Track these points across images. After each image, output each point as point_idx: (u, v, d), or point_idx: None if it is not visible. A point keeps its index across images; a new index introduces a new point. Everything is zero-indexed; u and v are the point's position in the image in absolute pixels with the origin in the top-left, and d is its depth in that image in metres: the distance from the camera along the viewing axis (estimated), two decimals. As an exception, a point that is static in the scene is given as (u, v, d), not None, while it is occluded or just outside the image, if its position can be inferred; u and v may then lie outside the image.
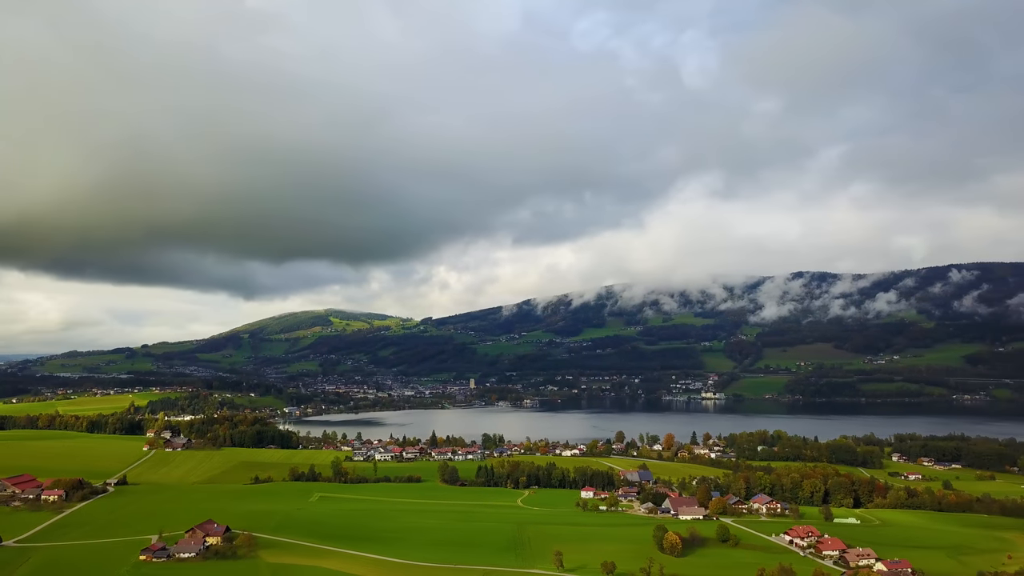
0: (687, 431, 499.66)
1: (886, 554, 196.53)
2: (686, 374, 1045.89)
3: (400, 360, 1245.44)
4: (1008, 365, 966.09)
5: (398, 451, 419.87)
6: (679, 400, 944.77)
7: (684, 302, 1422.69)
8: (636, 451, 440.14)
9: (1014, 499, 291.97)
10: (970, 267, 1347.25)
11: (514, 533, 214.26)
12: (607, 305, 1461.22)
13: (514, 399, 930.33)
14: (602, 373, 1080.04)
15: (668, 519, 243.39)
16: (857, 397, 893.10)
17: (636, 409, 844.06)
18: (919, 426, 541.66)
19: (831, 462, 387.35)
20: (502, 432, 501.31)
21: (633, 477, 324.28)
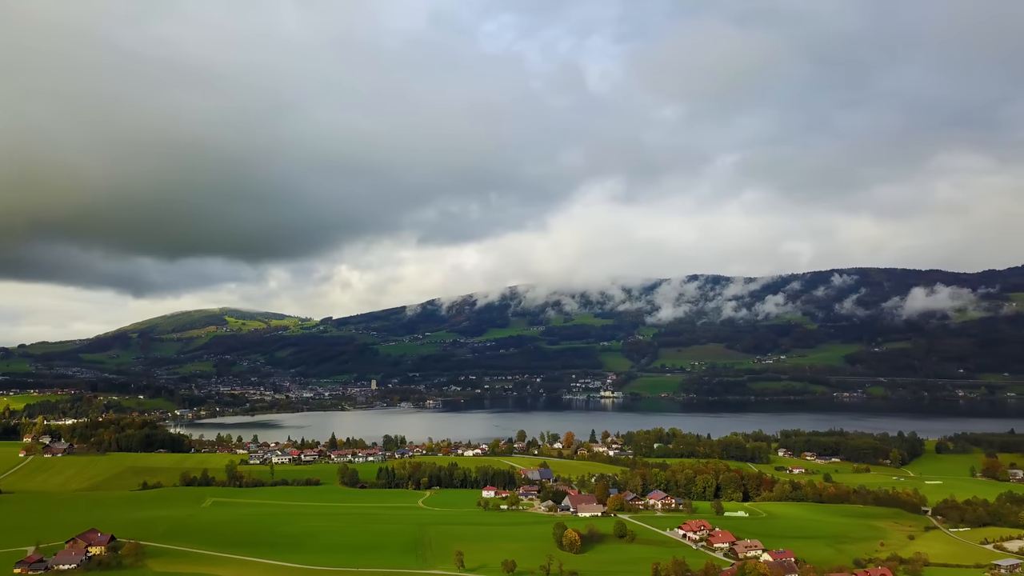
0: (587, 429, 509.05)
1: (772, 545, 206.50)
2: (586, 373, 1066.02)
3: (299, 361, 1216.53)
4: (882, 364, 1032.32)
5: (296, 454, 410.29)
6: (579, 399, 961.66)
7: (585, 303, 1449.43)
8: (537, 450, 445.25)
9: (886, 490, 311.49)
10: (850, 272, 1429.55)
11: (415, 534, 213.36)
12: (511, 305, 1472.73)
13: (417, 400, 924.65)
14: (505, 373, 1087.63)
15: (568, 516, 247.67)
16: (747, 395, 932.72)
17: (538, 408, 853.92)
18: (803, 423, 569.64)
19: (722, 458, 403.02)
20: (404, 433, 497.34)
21: (534, 476, 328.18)
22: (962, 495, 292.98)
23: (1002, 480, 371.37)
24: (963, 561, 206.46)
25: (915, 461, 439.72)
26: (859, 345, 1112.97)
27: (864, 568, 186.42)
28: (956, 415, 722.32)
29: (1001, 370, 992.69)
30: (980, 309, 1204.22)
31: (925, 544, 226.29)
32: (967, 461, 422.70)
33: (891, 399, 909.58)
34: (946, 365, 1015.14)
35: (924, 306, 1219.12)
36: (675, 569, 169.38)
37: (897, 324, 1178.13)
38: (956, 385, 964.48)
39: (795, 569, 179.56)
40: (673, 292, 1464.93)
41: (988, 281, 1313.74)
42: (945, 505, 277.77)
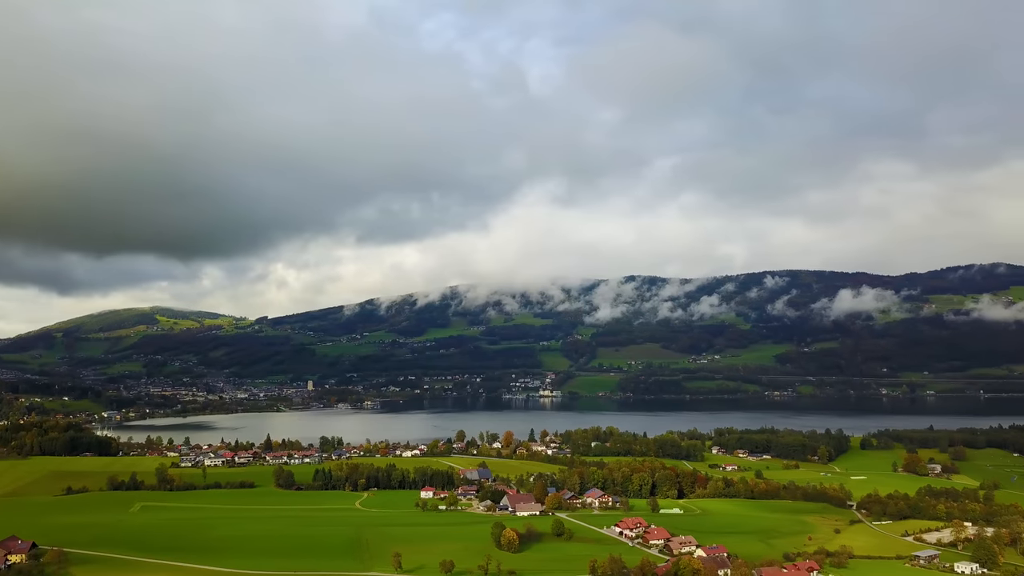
0: (525, 429, 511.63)
1: (705, 540, 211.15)
2: (526, 373, 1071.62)
3: (233, 361, 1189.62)
4: (811, 364, 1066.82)
5: (230, 456, 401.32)
6: (518, 398, 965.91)
7: (525, 303, 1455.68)
8: (476, 450, 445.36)
9: (814, 486, 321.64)
10: (782, 274, 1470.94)
11: (352, 536, 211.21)
12: (452, 305, 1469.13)
13: (355, 401, 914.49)
14: (445, 373, 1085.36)
15: (506, 516, 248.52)
16: (682, 394, 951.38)
17: (477, 408, 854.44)
18: (736, 421, 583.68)
19: (658, 456, 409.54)
20: (341, 434, 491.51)
21: (473, 476, 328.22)
22: (885, 489, 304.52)
23: (921, 475, 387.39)
24: (885, 553, 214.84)
25: (841, 457, 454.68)
26: (789, 345, 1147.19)
27: (793, 562, 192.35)
28: (880, 412, 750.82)
29: (921, 369, 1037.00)
30: (902, 311, 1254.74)
31: (850, 537, 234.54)
32: (889, 457, 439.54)
33: (819, 397, 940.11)
34: (871, 364, 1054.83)
35: (851, 307, 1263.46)
36: (611, 566, 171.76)
37: (825, 325, 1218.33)
38: (880, 384, 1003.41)
39: (727, 564, 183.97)
40: (611, 292, 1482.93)
41: (910, 284, 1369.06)
42: (869, 499, 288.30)
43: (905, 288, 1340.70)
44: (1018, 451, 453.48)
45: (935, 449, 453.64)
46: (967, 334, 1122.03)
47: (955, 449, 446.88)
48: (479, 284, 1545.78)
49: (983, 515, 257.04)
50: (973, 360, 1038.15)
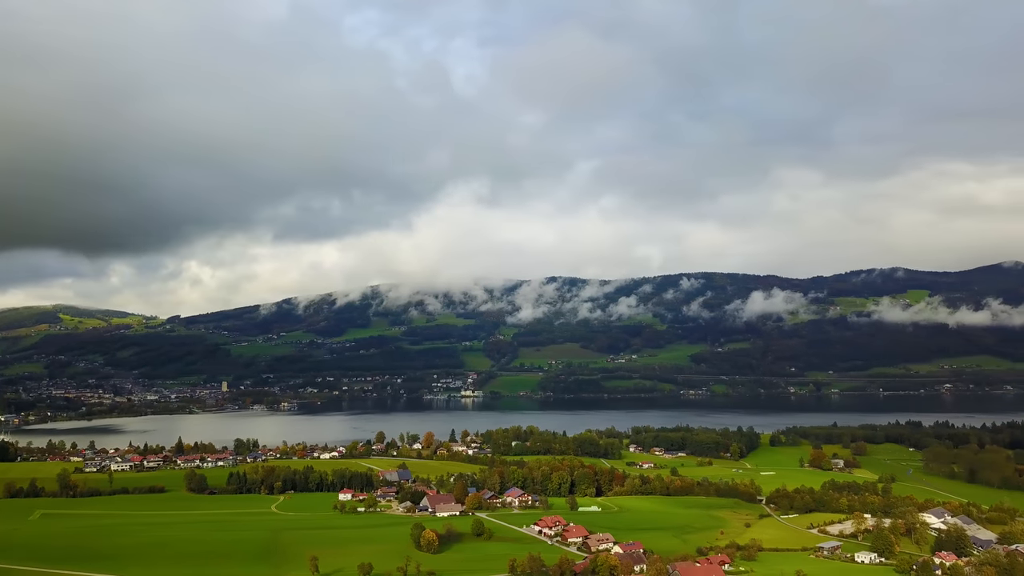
0: (446, 429, 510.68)
1: (622, 537, 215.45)
2: (447, 373, 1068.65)
3: (143, 362, 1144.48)
4: (725, 363, 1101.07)
5: (138, 460, 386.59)
6: (440, 399, 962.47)
7: (448, 303, 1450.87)
8: (396, 451, 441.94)
9: (726, 482, 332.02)
10: (697, 276, 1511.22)
11: (268, 541, 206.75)
12: (372, 305, 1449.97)
13: (271, 402, 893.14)
14: (365, 374, 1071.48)
15: (426, 517, 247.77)
16: (601, 393, 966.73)
17: (398, 409, 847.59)
18: (652, 419, 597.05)
19: (577, 454, 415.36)
20: (257, 437, 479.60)
21: (392, 477, 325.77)
22: (792, 484, 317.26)
23: (826, 469, 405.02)
24: (792, 545, 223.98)
25: (752, 454, 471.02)
26: (704, 345, 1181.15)
27: (706, 556, 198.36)
28: (788, 410, 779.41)
29: (826, 368, 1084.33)
30: (810, 312, 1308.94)
31: (759, 531, 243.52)
32: (797, 453, 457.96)
33: (732, 396, 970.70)
34: (780, 364, 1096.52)
35: (762, 309, 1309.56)
36: (531, 565, 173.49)
37: (738, 326, 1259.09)
38: (788, 382, 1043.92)
39: (643, 560, 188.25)
40: (533, 293, 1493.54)
41: (817, 286, 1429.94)
42: (777, 494, 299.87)
43: (812, 291, 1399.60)
44: (913, 446, 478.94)
45: (839, 445, 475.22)
46: (868, 335, 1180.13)
47: (856, 445, 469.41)
48: (401, 284, 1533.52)
49: (881, 507, 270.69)
50: (873, 360, 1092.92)
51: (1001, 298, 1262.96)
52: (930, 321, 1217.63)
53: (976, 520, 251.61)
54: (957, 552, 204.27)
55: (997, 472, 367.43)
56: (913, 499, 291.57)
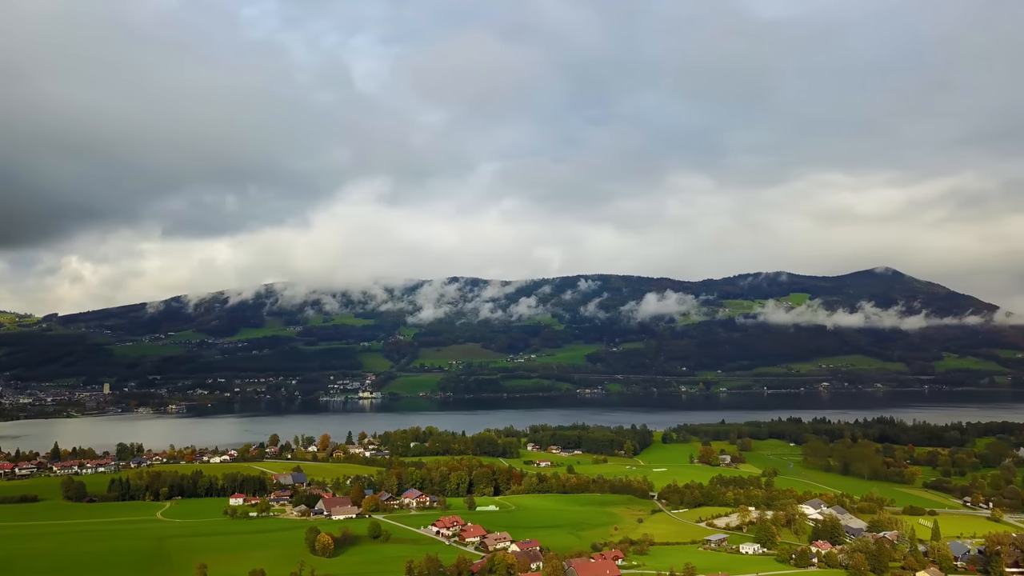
0: (343, 431, 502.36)
1: (519, 536, 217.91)
2: (345, 374, 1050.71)
3: (16, 363, 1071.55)
4: (619, 363, 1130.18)
5: (9, 467, 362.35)
6: (337, 401, 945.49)
7: (346, 303, 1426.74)
8: (291, 454, 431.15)
9: (620, 478, 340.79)
10: (594, 278, 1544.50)
11: (152, 550, 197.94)
12: (267, 304, 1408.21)
13: (157, 405, 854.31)
14: (259, 375, 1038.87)
15: (321, 520, 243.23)
16: (500, 393, 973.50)
17: (293, 411, 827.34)
18: (550, 418, 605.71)
19: (476, 454, 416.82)
20: (142, 441, 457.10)
21: (287, 480, 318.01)
22: (682, 480, 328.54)
23: (714, 465, 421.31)
24: (682, 539, 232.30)
25: (645, 451, 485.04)
26: (600, 345, 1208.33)
27: (600, 551, 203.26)
28: (679, 408, 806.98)
29: (715, 367, 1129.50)
30: (700, 314, 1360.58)
31: (652, 526, 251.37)
32: (687, 449, 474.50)
33: (626, 394, 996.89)
34: (672, 363, 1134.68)
35: (655, 310, 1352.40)
36: (428, 566, 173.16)
37: (633, 326, 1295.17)
38: (680, 381, 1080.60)
39: (540, 557, 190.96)
40: (434, 293, 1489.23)
41: (707, 289, 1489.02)
42: (668, 489, 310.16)
43: (703, 293, 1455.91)
44: (794, 441, 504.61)
45: (726, 441, 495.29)
46: (754, 336, 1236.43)
47: (742, 441, 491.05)
48: (297, 282, 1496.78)
49: (764, 500, 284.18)
50: (759, 359, 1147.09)
51: (873, 301, 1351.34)
52: (810, 323, 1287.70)
53: (849, 510, 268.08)
54: (832, 540, 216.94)
55: (867, 465, 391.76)
56: (793, 492, 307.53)
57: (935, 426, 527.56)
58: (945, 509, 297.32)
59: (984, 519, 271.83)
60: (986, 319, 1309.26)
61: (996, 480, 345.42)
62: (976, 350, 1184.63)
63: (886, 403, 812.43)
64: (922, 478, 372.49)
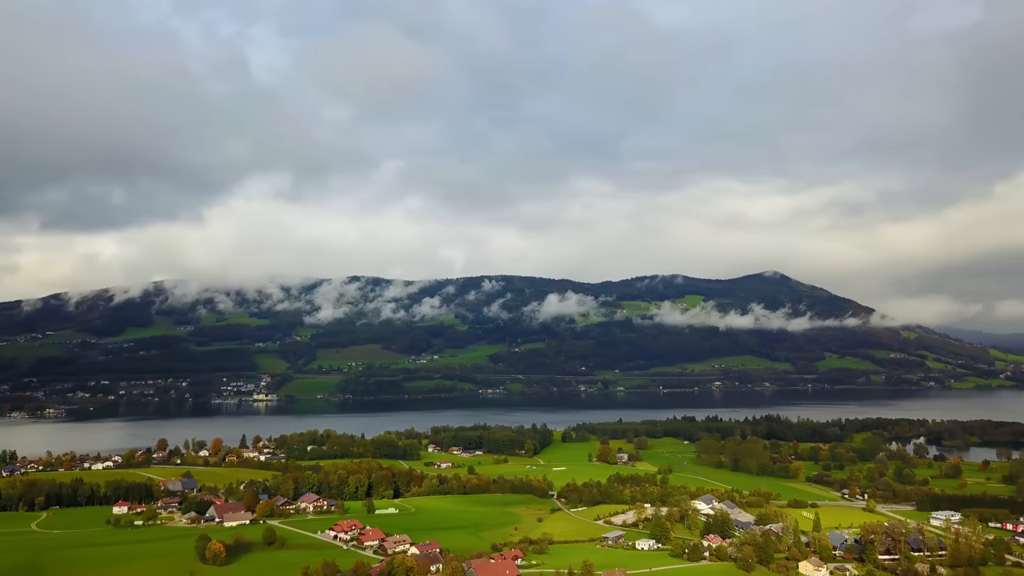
0: (237, 434, 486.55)
1: (419, 538, 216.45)
2: (239, 376, 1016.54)
3: None
4: (521, 363, 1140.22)
5: None
6: (230, 403, 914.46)
7: (241, 301, 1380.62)
8: (180, 459, 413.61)
9: (521, 478, 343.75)
10: (498, 279, 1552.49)
11: (26, 563, 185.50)
12: (155, 303, 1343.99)
13: (34, 409, 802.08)
14: (146, 377, 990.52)
15: (213, 527, 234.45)
16: (402, 394, 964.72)
17: (183, 414, 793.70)
18: (452, 419, 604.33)
19: (376, 457, 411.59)
20: (15, 447, 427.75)
21: (175, 487, 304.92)
22: (581, 478, 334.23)
23: (612, 463, 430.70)
24: (580, 537, 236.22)
25: (546, 450, 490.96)
26: (502, 345, 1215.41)
27: (500, 551, 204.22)
28: (579, 407, 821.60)
29: (614, 367, 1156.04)
30: (599, 315, 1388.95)
31: (551, 525, 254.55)
32: (586, 448, 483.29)
33: (528, 394, 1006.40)
34: (572, 363, 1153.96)
35: (557, 311, 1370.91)
36: (324, 571, 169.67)
37: (535, 327, 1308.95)
38: (579, 381, 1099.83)
39: (439, 559, 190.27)
40: (334, 292, 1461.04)
41: (606, 291, 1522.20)
42: (567, 488, 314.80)
43: (603, 294, 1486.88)
44: (688, 438, 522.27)
45: (623, 440, 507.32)
46: (651, 336, 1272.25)
47: (639, 439, 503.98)
48: (189, 280, 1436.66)
49: (659, 497, 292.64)
50: (655, 359, 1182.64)
51: (762, 304, 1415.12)
52: (703, 324, 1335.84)
53: (739, 505, 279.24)
54: (722, 534, 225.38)
55: (756, 461, 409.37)
56: (687, 488, 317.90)
57: (817, 423, 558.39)
58: (826, 501, 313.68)
59: (860, 510, 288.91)
60: (863, 321, 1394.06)
61: (871, 473, 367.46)
62: (855, 351, 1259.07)
63: (773, 401, 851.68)
64: (805, 472, 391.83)
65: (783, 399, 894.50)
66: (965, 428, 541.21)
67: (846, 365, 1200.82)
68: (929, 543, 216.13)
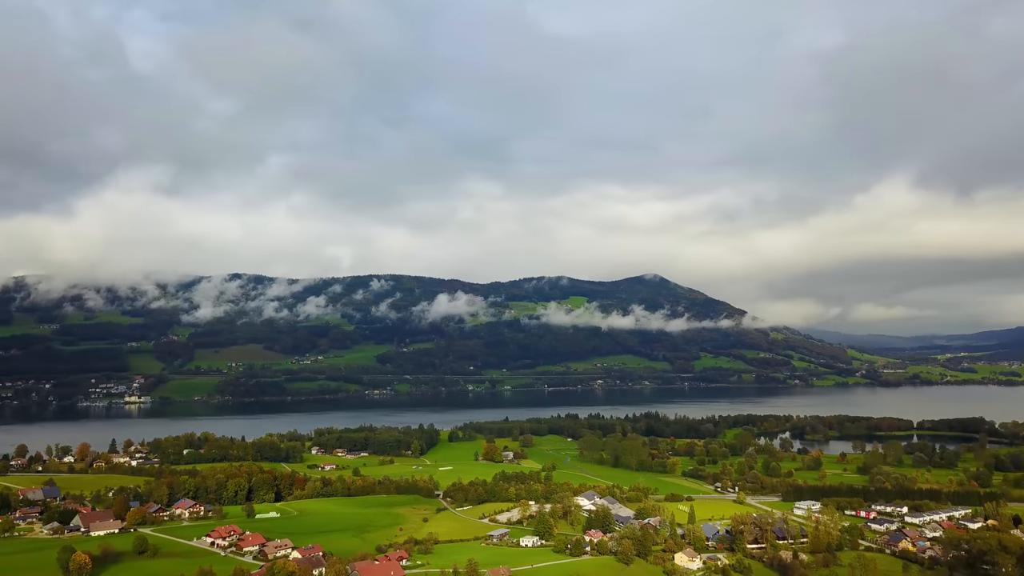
0: (106, 439, 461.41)
1: (302, 542, 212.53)
2: (109, 377, 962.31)
3: None
4: (409, 363, 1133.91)
5: None
6: (99, 406, 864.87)
7: (112, 299, 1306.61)
8: (42, 466, 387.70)
9: (407, 479, 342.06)
10: (387, 278, 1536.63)
11: None
12: (16, 299, 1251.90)
13: None
14: (4, 379, 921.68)
15: (78, 538, 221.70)
16: (284, 395, 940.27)
17: (46, 418, 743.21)
18: (337, 420, 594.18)
19: (257, 460, 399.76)
20: None
21: (36, 495, 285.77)
22: (467, 478, 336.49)
23: (498, 462, 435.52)
24: (466, 536, 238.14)
25: (432, 450, 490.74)
26: (390, 346, 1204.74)
27: (384, 553, 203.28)
28: (466, 407, 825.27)
29: (501, 367, 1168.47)
30: (488, 315, 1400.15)
31: (436, 524, 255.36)
32: (473, 447, 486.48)
33: (415, 395, 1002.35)
34: (460, 363, 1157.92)
35: (447, 311, 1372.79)
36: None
37: (424, 327, 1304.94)
38: (467, 380, 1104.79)
39: (322, 563, 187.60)
40: (214, 290, 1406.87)
41: (496, 291, 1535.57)
42: (453, 488, 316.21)
43: (492, 295, 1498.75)
44: (571, 436, 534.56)
45: (509, 438, 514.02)
46: (537, 336, 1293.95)
47: (524, 437, 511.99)
48: (54, 275, 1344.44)
49: (544, 494, 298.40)
50: (541, 359, 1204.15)
51: (643, 305, 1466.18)
52: (587, 324, 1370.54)
53: (619, 500, 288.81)
54: (603, 529, 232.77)
55: (636, 457, 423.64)
56: (570, 485, 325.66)
57: (693, 420, 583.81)
58: (700, 495, 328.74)
59: (731, 502, 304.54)
60: (736, 323, 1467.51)
61: (741, 467, 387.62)
62: (728, 350, 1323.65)
63: (652, 399, 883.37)
64: (682, 468, 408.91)
65: (661, 397, 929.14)
66: (825, 423, 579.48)
67: (720, 364, 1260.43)
68: (792, 531, 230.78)
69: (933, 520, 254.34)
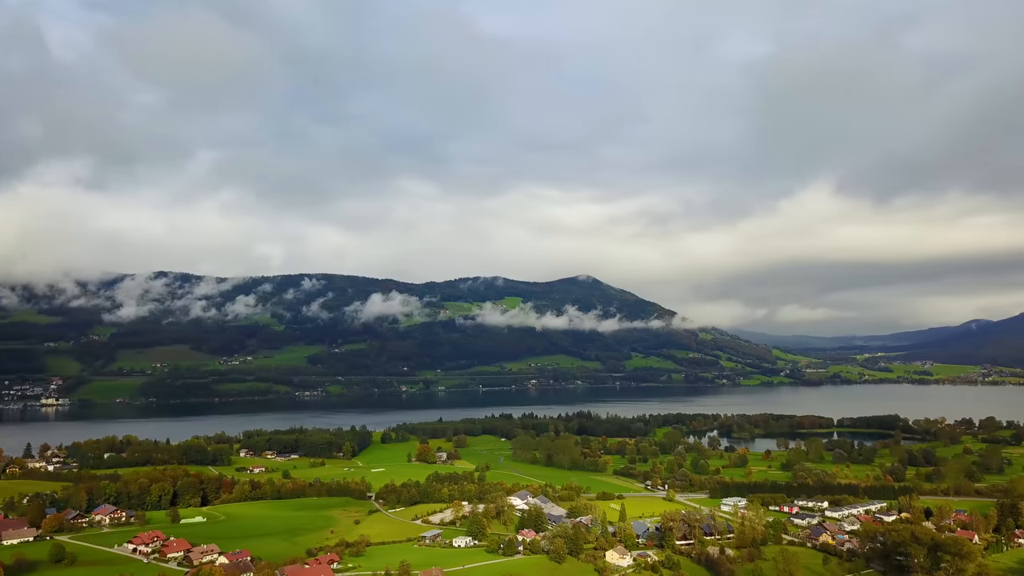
0: (20, 443, 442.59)
1: (229, 547, 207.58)
2: (24, 378, 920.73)
3: None
4: (341, 364, 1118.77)
5: None
6: (13, 409, 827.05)
7: (28, 297, 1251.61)
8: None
9: (338, 481, 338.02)
10: (318, 277, 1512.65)
11: None
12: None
13: None
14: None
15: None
16: (212, 397, 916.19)
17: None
18: (266, 422, 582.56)
19: (183, 463, 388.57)
20: None
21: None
22: (400, 479, 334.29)
23: (431, 463, 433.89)
24: (398, 537, 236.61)
25: (364, 451, 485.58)
26: (322, 346, 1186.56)
27: (315, 556, 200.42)
28: (400, 408, 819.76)
29: (435, 367, 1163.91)
30: (423, 315, 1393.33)
31: (368, 526, 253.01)
32: (406, 448, 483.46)
33: (347, 396, 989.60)
34: (394, 363, 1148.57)
35: (380, 311, 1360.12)
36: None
37: (357, 327, 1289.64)
38: (401, 381, 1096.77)
39: (251, 568, 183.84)
40: (138, 289, 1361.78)
41: (430, 291, 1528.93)
42: (386, 489, 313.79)
43: (427, 295, 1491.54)
44: (505, 436, 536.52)
45: (443, 439, 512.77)
46: (472, 336, 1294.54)
47: (458, 437, 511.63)
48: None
49: (477, 494, 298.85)
50: (475, 359, 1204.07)
51: (576, 306, 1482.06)
52: (522, 325, 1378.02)
53: (552, 499, 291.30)
54: (536, 528, 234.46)
55: (568, 456, 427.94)
56: (503, 484, 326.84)
57: (624, 419, 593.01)
58: (631, 493, 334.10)
59: (661, 499, 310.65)
60: (666, 323, 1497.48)
61: (671, 465, 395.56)
62: (658, 350, 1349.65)
63: (585, 398, 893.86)
64: (613, 466, 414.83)
65: (594, 396, 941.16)
66: (751, 421, 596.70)
67: (650, 364, 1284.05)
68: (719, 527, 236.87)
69: (852, 514, 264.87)
